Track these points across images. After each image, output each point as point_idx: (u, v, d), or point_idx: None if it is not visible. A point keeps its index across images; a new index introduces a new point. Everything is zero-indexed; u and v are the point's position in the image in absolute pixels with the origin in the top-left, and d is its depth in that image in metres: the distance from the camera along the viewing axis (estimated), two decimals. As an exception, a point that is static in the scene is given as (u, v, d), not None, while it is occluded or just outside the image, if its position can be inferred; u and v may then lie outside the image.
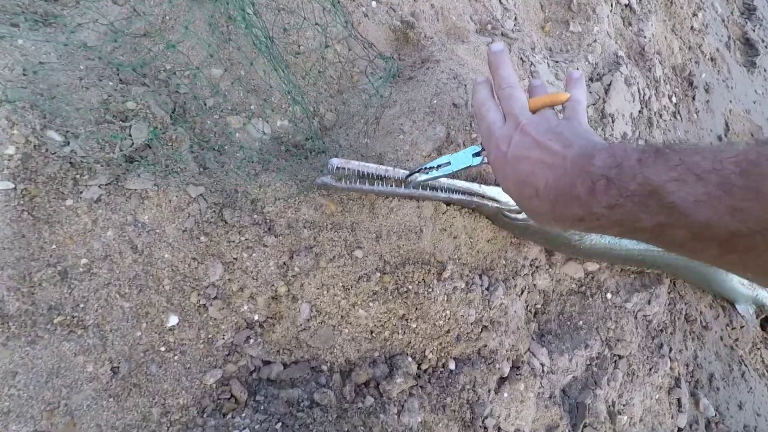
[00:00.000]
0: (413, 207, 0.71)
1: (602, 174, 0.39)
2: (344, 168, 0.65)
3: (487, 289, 0.81)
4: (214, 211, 0.58)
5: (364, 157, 0.74)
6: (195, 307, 0.58)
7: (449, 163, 0.67)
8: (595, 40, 1.38)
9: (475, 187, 0.74)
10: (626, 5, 1.64)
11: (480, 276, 0.80)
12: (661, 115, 1.55)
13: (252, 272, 0.60)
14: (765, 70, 2.28)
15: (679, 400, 1.07)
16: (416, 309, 0.72)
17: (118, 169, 0.53)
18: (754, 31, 2.37)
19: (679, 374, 1.10)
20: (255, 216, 0.62)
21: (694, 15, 1.98)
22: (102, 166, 0.53)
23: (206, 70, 0.67)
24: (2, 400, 0.46)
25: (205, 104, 0.65)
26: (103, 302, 0.52)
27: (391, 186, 0.67)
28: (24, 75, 0.53)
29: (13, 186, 0.50)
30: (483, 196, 0.75)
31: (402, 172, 0.68)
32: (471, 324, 0.78)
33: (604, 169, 0.40)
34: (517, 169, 0.49)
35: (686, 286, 1.25)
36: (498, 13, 1.23)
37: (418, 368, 0.74)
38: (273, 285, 0.61)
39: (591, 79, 1.34)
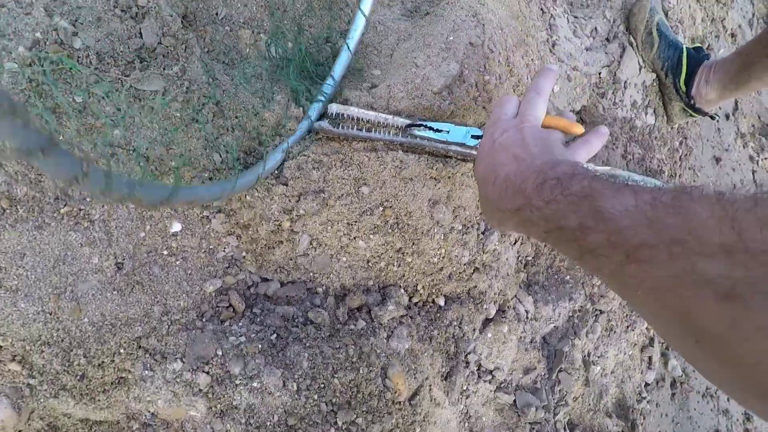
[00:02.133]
0: (425, 164, 0.70)
1: (556, 177, 0.41)
2: (343, 114, 0.65)
3: (483, 233, 0.81)
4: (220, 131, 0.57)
5: (371, 94, 0.72)
6: (198, 218, 0.58)
7: (448, 131, 0.67)
8: (615, -5, 1.32)
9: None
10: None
11: (478, 221, 0.81)
12: (673, 86, 1.51)
13: (258, 210, 0.60)
14: None
15: (650, 358, 1.12)
16: (413, 244, 0.72)
17: (128, 67, 0.51)
18: (778, 11, 2.29)
19: (653, 334, 1.13)
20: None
21: (719, -10, 1.90)
22: (112, 63, 0.51)
23: (220, -21, 0.64)
24: (11, 279, 0.47)
25: (217, 14, 0.63)
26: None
27: (389, 134, 0.67)
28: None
29: (19, 71, 0.48)
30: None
31: (401, 121, 0.67)
32: (464, 264, 0.79)
33: (560, 173, 0.41)
34: (495, 157, 0.52)
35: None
36: (522, -42, 1.17)
37: (409, 300, 0.75)
38: (277, 220, 0.61)
39: (608, 39, 1.30)
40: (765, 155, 1.80)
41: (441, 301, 0.79)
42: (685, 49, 1.24)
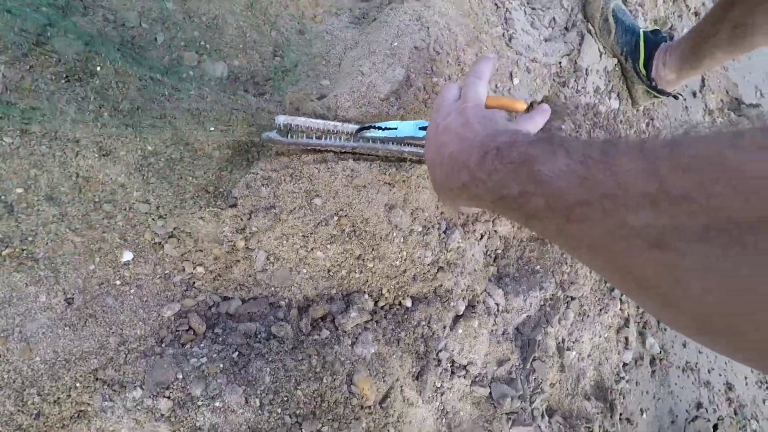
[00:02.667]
0: (378, 170, 0.70)
1: (496, 147, 0.42)
2: (290, 124, 0.64)
3: (444, 232, 0.82)
4: (166, 161, 0.57)
5: (319, 105, 0.72)
6: (150, 244, 0.59)
7: (396, 128, 0.67)
8: (574, -15, 1.33)
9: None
10: (610, -49, 1.57)
11: (438, 221, 0.82)
12: (636, 68, 1.52)
13: (205, 237, 0.61)
14: None
15: (626, 338, 1.13)
16: (373, 250, 0.73)
17: (54, 100, 0.51)
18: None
19: (628, 315, 1.15)
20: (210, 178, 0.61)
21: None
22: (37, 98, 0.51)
23: (160, 2, 0.63)
24: (-50, 325, 0.47)
25: (156, 39, 0.62)
26: (53, 236, 0.52)
27: (340, 140, 0.67)
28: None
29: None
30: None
31: (351, 127, 0.67)
32: (428, 265, 0.80)
33: (500, 143, 0.42)
34: (440, 139, 0.52)
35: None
36: (474, -46, 1.17)
37: (375, 305, 0.76)
38: (231, 241, 0.61)
39: (566, 28, 1.30)
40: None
41: (408, 303, 0.79)
42: (642, 33, 1.25)
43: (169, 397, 0.53)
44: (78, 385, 0.51)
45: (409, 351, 0.76)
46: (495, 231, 0.99)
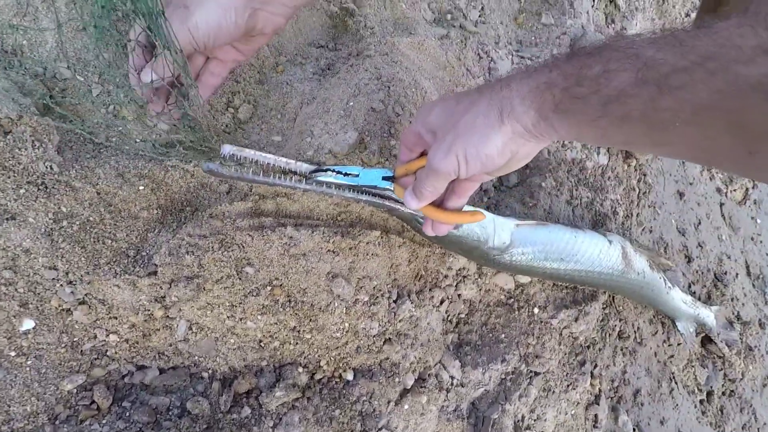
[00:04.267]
0: (321, 236, 0.67)
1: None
2: (237, 156, 0.59)
3: (395, 301, 0.79)
4: (82, 223, 0.55)
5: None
6: (56, 312, 0.56)
7: (358, 175, 0.63)
8: (564, 33, 1.32)
9: (389, 193, 0.70)
10: (611, 1, 1.56)
11: (390, 289, 0.78)
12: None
13: (120, 305, 0.58)
14: None
15: (596, 415, 1.08)
16: (310, 321, 0.70)
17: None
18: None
19: (600, 391, 1.10)
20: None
21: (687, 15, 1.89)
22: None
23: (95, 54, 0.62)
24: None
25: (90, 90, 0.61)
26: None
27: (290, 180, 0.62)
28: None
29: None
30: (397, 200, 0.70)
31: (306, 167, 0.62)
32: (373, 337, 0.76)
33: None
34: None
35: (627, 301, 1.24)
36: (462, 2, 1.16)
37: (311, 378, 0.73)
38: (148, 310, 0.58)
39: (556, 80, 1.29)
40: (734, 187, 1.77)
41: (349, 376, 0.76)
42: None
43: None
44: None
45: (343, 431, 0.72)
46: (458, 295, 0.95)
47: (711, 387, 1.40)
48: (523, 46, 1.32)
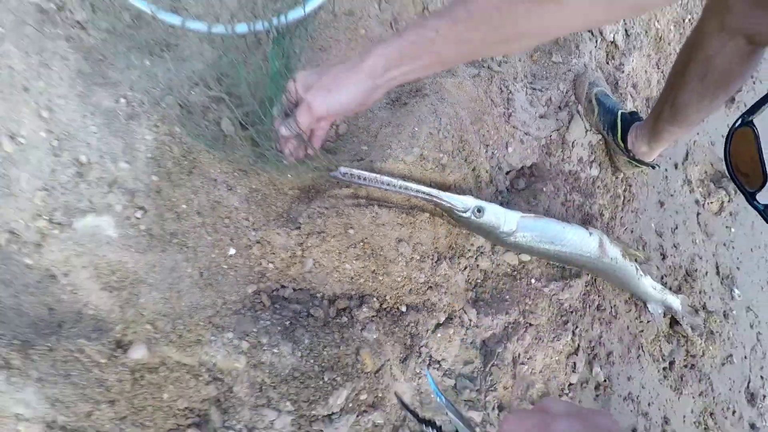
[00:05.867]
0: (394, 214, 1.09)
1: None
2: (349, 173, 1.03)
3: (436, 262, 1.20)
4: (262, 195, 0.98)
5: (364, 161, 1.12)
6: (245, 246, 0.98)
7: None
8: (569, 70, 1.71)
9: (435, 191, 1.12)
10: (611, 42, 1.95)
11: (432, 253, 1.20)
12: (623, 142, 1.88)
13: (277, 246, 1.00)
14: (744, 105, 2.55)
15: (574, 363, 1.49)
16: (383, 268, 1.12)
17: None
18: (745, 67, 2.63)
19: (578, 346, 1.51)
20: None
21: (682, 51, 2.27)
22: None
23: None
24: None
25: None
26: (197, 232, 0.92)
27: (386, 184, 1.04)
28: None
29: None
30: (440, 198, 1.13)
31: (395, 181, 1.05)
32: (421, 283, 1.18)
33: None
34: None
35: (606, 284, 1.64)
36: (490, 47, 1.57)
37: (380, 306, 1.15)
38: (293, 249, 1.00)
39: (560, 107, 1.69)
40: (711, 199, 2.15)
41: (403, 308, 1.17)
42: (619, 113, 1.61)
43: (247, 341, 0.92)
44: (200, 323, 0.89)
45: (400, 342, 1.14)
46: (477, 265, 1.36)
47: (673, 358, 1.80)
48: (536, 79, 1.73)
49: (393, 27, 1.24)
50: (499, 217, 1.23)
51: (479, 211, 1.18)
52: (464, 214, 1.16)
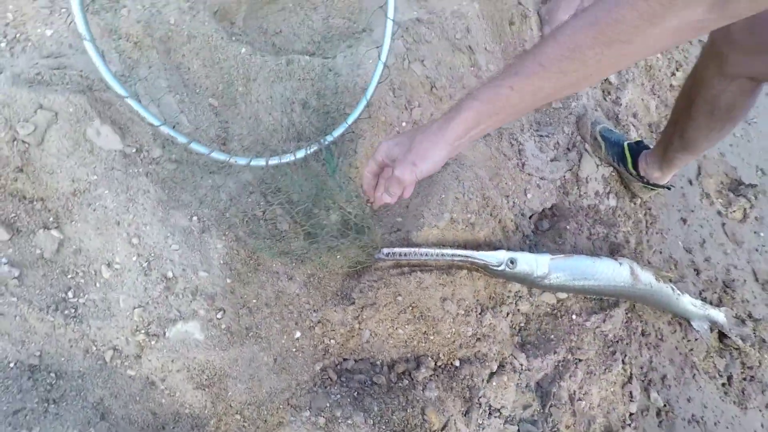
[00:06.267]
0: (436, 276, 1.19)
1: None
2: (390, 252, 1.14)
3: (480, 314, 1.27)
4: (318, 278, 1.09)
5: (401, 232, 1.22)
6: (308, 327, 1.07)
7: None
8: (570, 113, 1.83)
9: (469, 252, 1.21)
10: (605, 80, 2.08)
11: (475, 306, 1.27)
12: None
13: (336, 322, 1.10)
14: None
15: (630, 392, 1.50)
16: (433, 328, 1.19)
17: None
18: (738, 76, 2.72)
19: (631, 374, 1.52)
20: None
21: (673, 74, 2.39)
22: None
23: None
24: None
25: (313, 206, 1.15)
26: (267, 322, 1.02)
27: (424, 255, 1.15)
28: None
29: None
30: (475, 258, 1.22)
31: (432, 251, 1.15)
32: (469, 337, 1.25)
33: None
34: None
35: (646, 308, 1.67)
36: (494, 106, 1.71)
37: (435, 364, 1.21)
38: (350, 324, 1.10)
39: (568, 148, 1.79)
40: (733, 208, 2.18)
41: (457, 363, 1.24)
42: (626, 144, 1.70)
43: (323, 416, 0.99)
44: (280, 407, 0.98)
45: (459, 396, 1.20)
46: (518, 309, 1.43)
47: (730, 373, 1.78)
48: (541, 126, 1.85)
49: (408, 108, 1.38)
50: (531, 264, 1.31)
51: (512, 262, 1.26)
52: (499, 268, 1.24)
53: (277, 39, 1.40)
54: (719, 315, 1.78)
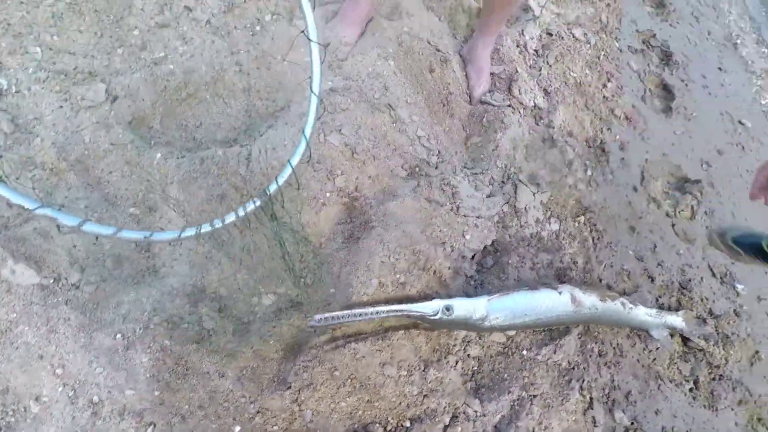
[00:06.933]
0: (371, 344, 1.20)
1: None
2: (323, 318, 1.14)
3: (424, 370, 1.28)
4: (251, 369, 1.09)
5: (332, 304, 1.24)
6: (248, 419, 1.08)
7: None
8: (498, 146, 1.85)
9: (404, 306, 1.22)
10: (533, 106, 2.12)
11: (419, 363, 1.28)
12: (577, 188, 1.98)
13: (276, 409, 1.11)
14: (684, 108, 2.64)
15: (593, 417, 1.49)
16: (376, 394, 1.19)
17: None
18: (672, 74, 2.76)
19: (591, 398, 1.51)
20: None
21: (604, 86, 2.42)
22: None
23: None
24: None
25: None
26: (202, 425, 1.03)
27: (358, 316, 1.15)
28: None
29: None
30: (410, 311, 1.22)
31: (365, 310, 1.16)
32: (415, 395, 1.25)
33: None
34: None
35: (602, 327, 1.67)
36: (423, 155, 1.74)
37: (385, 430, 1.21)
38: (290, 408, 1.10)
39: (503, 181, 1.81)
40: (681, 207, 2.19)
41: (407, 424, 1.24)
42: (764, 243, 1.74)
43: None
44: (223, 508, 0.98)
45: (412, 458, 1.19)
46: (468, 355, 1.43)
47: (696, 376, 1.76)
48: (475, 163, 1.87)
49: (330, 178, 1.41)
50: (468, 308, 1.31)
51: (448, 309, 1.26)
52: (436, 317, 1.24)
53: (199, 132, 1.43)
54: (677, 320, 1.77)
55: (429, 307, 1.24)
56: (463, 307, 1.31)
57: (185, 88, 1.42)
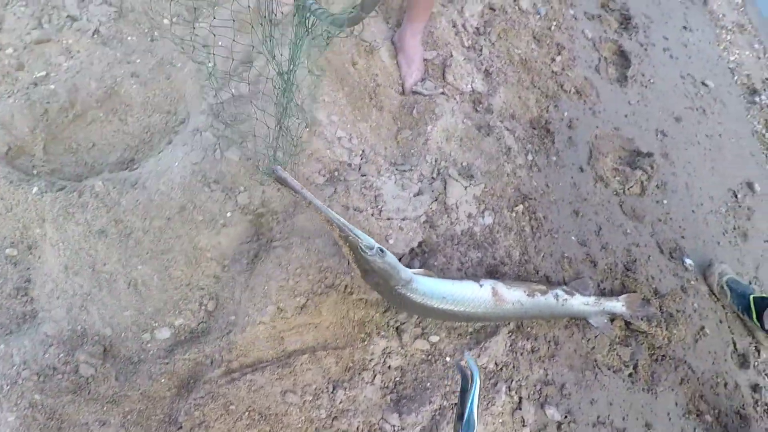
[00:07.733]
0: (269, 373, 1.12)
1: None
2: (285, 175, 1.05)
3: (332, 392, 1.21)
4: (138, 412, 1.03)
5: (232, 333, 1.16)
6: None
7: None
8: (428, 140, 1.72)
9: (347, 222, 1.12)
10: (472, 91, 1.95)
11: (327, 386, 1.21)
12: (516, 175, 1.85)
13: None
14: (642, 75, 2.44)
15: (522, 417, 1.43)
16: (279, 423, 1.13)
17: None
18: (630, 39, 2.55)
19: (521, 398, 1.45)
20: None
21: (553, 60, 2.23)
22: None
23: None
24: None
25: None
26: None
27: (310, 199, 1.07)
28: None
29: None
30: (350, 230, 1.12)
31: (318, 201, 1.08)
32: (323, 419, 1.19)
33: None
34: None
35: (535, 322, 1.59)
36: (344, 156, 1.61)
37: (293, 456, 1.16)
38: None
39: (433, 177, 1.69)
40: (630, 183, 2.05)
41: (317, 447, 1.18)
42: (751, 298, 1.68)
43: None
44: None
45: (320, 482, 1.14)
46: (389, 367, 1.36)
47: (636, 360, 1.67)
48: (405, 159, 1.74)
49: (231, 197, 1.30)
50: (397, 266, 1.21)
51: (382, 251, 1.16)
52: (369, 253, 1.12)
53: (90, 155, 1.31)
54: (617, 305, 1.67)
55: (368, 240, 1.14)
56: (395, 262, 1.22)
57: (72, 108, 1.29)
